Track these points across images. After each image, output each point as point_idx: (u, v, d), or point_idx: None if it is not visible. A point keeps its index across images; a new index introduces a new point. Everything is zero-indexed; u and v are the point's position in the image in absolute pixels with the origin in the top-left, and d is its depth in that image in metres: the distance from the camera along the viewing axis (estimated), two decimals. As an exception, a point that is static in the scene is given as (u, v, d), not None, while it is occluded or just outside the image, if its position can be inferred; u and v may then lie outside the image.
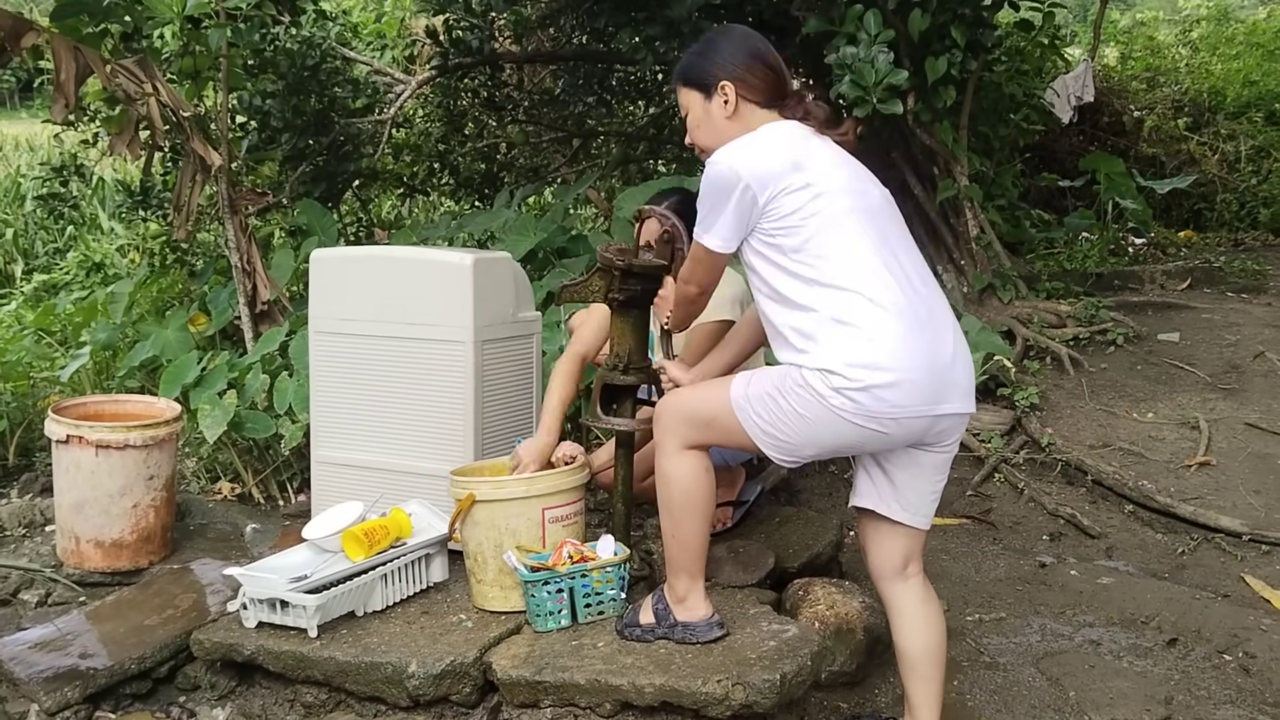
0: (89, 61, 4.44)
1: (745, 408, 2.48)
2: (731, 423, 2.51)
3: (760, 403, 2.45)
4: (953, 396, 2.41)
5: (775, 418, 2.43)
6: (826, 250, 2.38)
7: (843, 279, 2.36)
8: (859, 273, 2.36)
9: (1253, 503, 4.18)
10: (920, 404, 2.36)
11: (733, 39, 2.62)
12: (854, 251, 2.38)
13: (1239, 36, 11.40)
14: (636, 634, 2.75)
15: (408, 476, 3.45)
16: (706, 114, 2.61)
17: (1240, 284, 6.65)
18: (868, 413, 2.33)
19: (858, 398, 2.32)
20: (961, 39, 5.29)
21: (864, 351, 2.32)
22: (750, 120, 2.56)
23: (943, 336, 2.42)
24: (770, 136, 2.48)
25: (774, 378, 2.45)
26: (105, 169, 9.72)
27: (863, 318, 2.34)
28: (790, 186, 2.39)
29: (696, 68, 2.62)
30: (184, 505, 4.11)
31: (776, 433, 2.44)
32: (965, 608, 3.56)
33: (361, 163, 6.78)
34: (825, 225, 2.38)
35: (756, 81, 2.56)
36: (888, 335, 2.33)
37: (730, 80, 2.55)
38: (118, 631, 3.15)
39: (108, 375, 5.51)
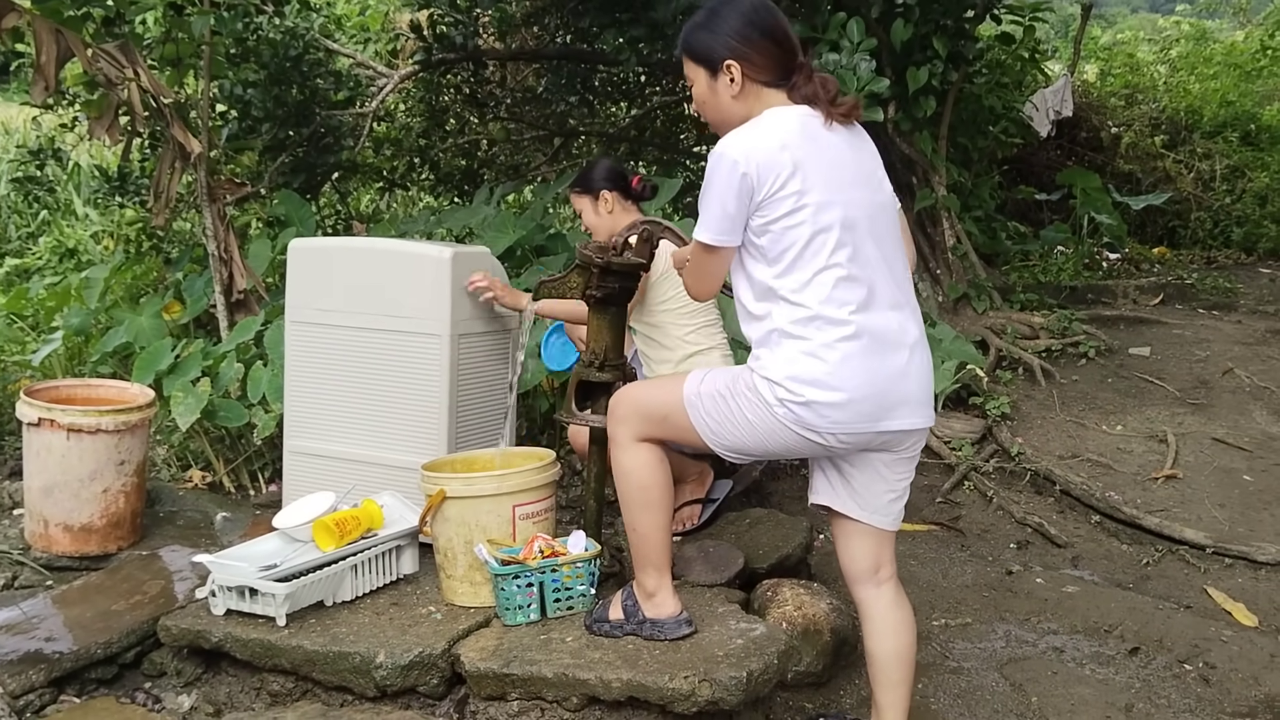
0: (70, 44, 4.41)
1: (696, 404, 2.50)
2: (682, 419, 2.53)
3: (711, 401, 2.47)
4: (901, 413, 2.41)
5: (724, 417, 2.45)
6: (798, 262, 2.37)
7: (803, 293, 2.36)
8: (821, 289, 2.35)
9: (1217, 516, 4.23)
10: (861, 422, 2.37)
11: (739, 9, 2.47)
12: (821, 269, 2.36)
13: (1217, 57, 11.53)
14: (605, 629, 2.76)
15: (380, 468, 3.45)
16: (712, 92, 2.51)
17: (1212, 301, 6.72)
18: (807, 425, 2.35)
19: (798, 411, 2.34)
20: (943, 50, 5.34)
21: (809, 367, 2.33)
22: (756, 102, 2.47)
23: (898, 354, 2.40)
24: (777, 128, 2.39)
25: (727, 378, 2.47)
26: (82, 154, 9.65)
27: (815, 333, 2.34)
28: (784, 191, 2.35)
29: (701, 42, 2.49)
30: (154, 492, 4.09)
31: (724, 431, 2.47)
32: (932, 613, 3.59)
33: (342, 155, 6.76)
34: (804, 237, 2.36)
35: (762, 59, 2.45)
36: (835, 354, 2.33)
37: (735, 59, 2.44)
38: (84, 616, 3.14)
39: (80, 361, 5.47)
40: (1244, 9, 15.16)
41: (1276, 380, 5.27)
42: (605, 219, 3.65)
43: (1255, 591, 3.80)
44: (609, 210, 3.65)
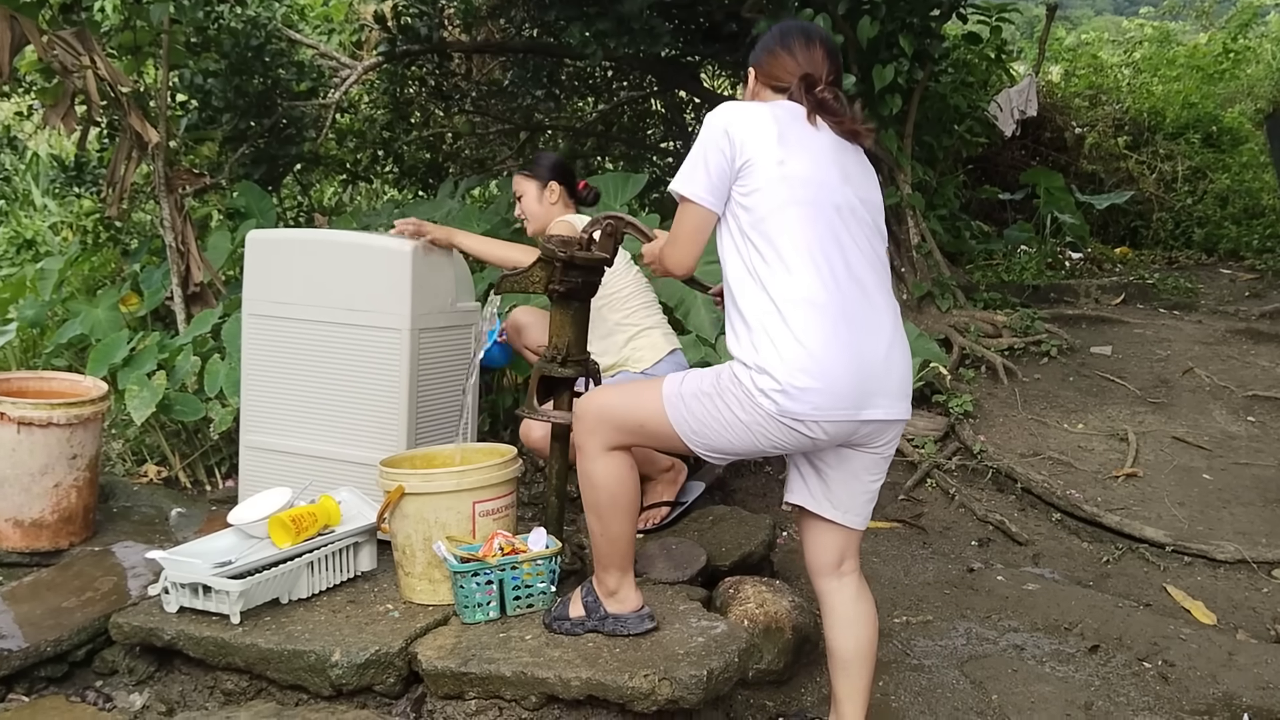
0: (25, 31, 4.33)
1: (678, 405, 2.46)
2: (661, 425, 2.49)
3: (695, 401, 2.44)
4: (880, 402, 2.41)
5: (709, 416, 2.42)
6: (774, 237, 2.37)
7: (782, 273, 2.35)
8: (798, 270, 2.35)
9: (1177, 515, 4.26)
10: (843, 408, 2.36)
11: (779, 32, 2.67)
12: (799, 247, 2.36)
13: (1179, 59, 11.64)
14: (565, 627, 2.73)
15: (338, 464, 3.40)
16: (743, 96, 2.73)
17: (1173, 301, 6.78)
18: (792, 415, 2.33)
19: (781, 400, 2.32)
20: (909, 48, 5.34)
21: (791, 353, 2.32)
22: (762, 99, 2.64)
23: (877, 343, 2.41)
24: (771, 107, 2.51)
25: (709, 377, 2.45)
26: (41, 144, 9.50)
27: (794, 317, 2.33)
28: (767, 159, 2.39)
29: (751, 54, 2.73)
30: (108, 487, 4.02)
31: (707, 432, 2.43)
32: (894, 610, 3.59)
33: (304, 147, 6.68)
34: (776, 210, 2.37)
35: (774, 69, 2.61)
36: (814, 338, 2.32)
37: (753, 66, 2.66)
38: (34, 613, 3.07)
39: (34, 353, 5.38)
40: (1206, 12, 15.31)
41: (1236, 380, 5.31)
42: (545, 209, 3.74)
43: (1214, 590, 3.82)
44: (551, 202, 3.73)
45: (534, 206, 3.75)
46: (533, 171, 3.77)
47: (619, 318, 3.62)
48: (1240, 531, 4.13)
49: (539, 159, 3.85)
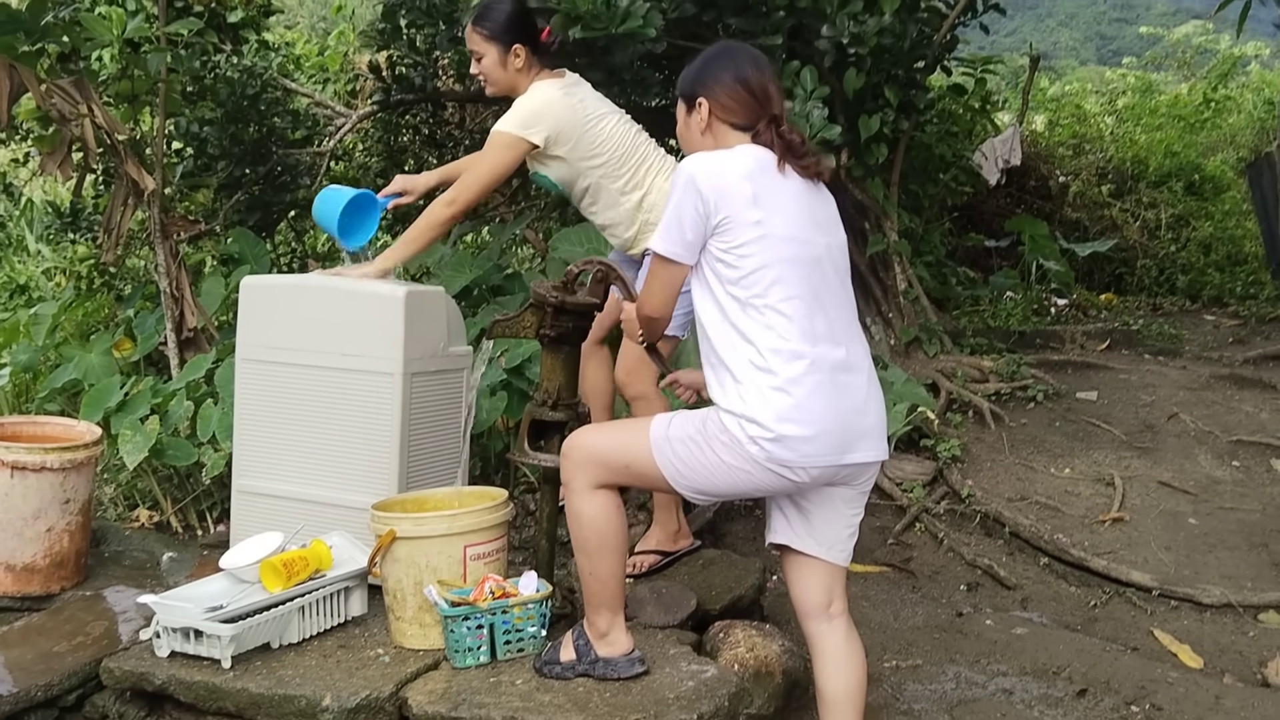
0: (24, 79, 4.39)
1: (665, 449, 2.51)
2: (648, 465, 2.54)
3: (682, 445, 2.49)
4: (862, 446, 2.49)
5: (696, 460, 2.47)
6: (756, 293, 2.43)
7: (765, 326, 2.42)
8: (783, 321, 2.42)
9: (1163, 559, 4.29)
10: (830, 454, 2.43)
11: (725, 58, 2.67)
12: (782, 299, 2.43)
13: (1161, 109, 11.80)
14: (556, 671, 2.74)
15: (330, 508, 3.42)
16: (686, 126, 2.71)
17: (1157, 347, 6.84)
18: (780, 461, 2.39)
19: (770, 447, 2.38)
20: (894, 99, 5.43)
21: (778, 401, 2.38)
22: (722, 140, 2.63)
23: (856, 388, 2.49)
24: (741, 158, 2.52)
25: (695, 421, 2.50)
26: (36, 190, 9.55)
27: (780, 366, 2.39)
28: (743, 219, 2.44)
29: (687, 80, 2.70)
30: (100, 532, 4.03)
31: (694, 475, 2.49)
32: (883, 654, 3.60)
33: (298, 193, 6.73)
34: (762, 267, 2.44)
35: (732, 104, 2.61)
36: (802, 388, 2.39)
37: (707, 99, 2.63)
38: (25, 658, 3.08)
39: (27, 398, 5.39)
40: (1188, 63, 15.56)
41: (1220, 425, 5.36)
42: (509, 75, 3.57)
43: (1201, 633, 3.85)
44: (517, 68, 3.56)
45: (497, 72, 3.56)
46: (490, 32, 3.51)
47: (620, 184, 3.54)
48: (1226, 575, 4.15)
49: (492, 10, 3.53)
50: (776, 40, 5.03)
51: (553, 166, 3.57)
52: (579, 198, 3.63)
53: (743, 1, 4.94)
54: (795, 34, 5.29)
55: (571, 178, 3.58)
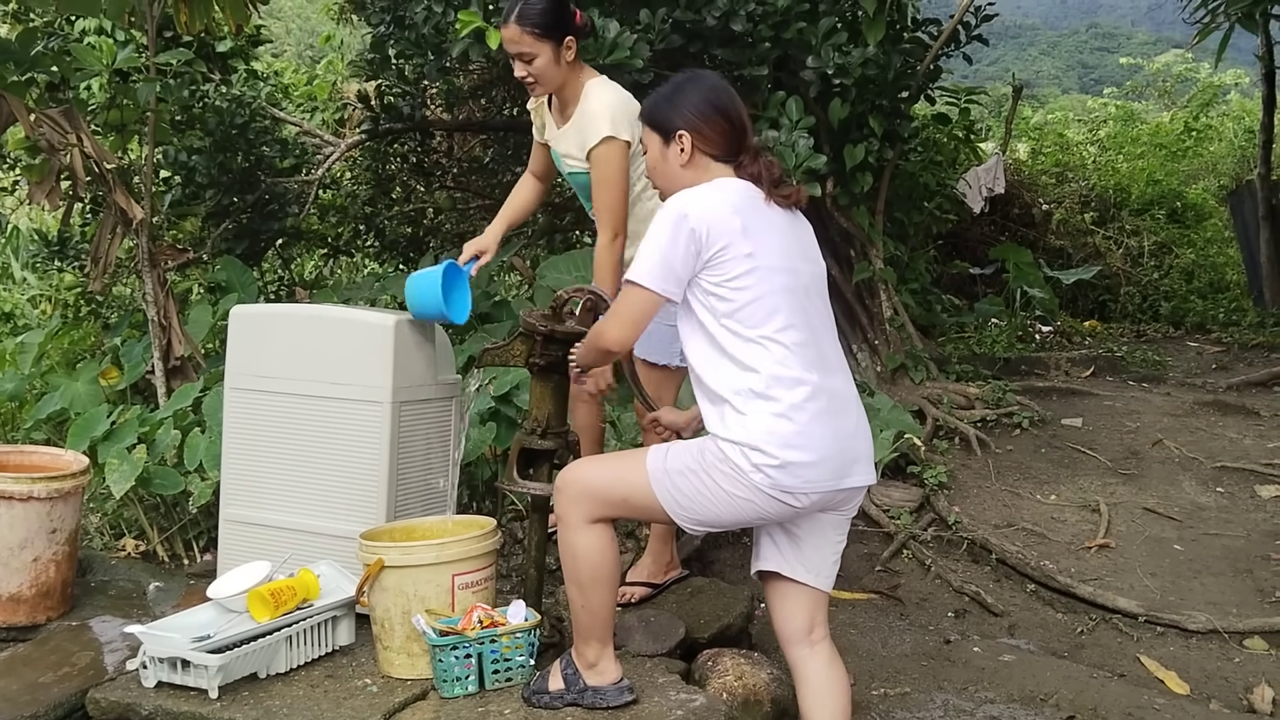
0: (13, 109, 4.40)
1: (664, 481, 2.52)
2: (646, 498, 2.54)
3: (681, 477, 2.50)
4: (857, 470, 2.53)
5: (696, 491, 2.48)
6: (752, 323, 2.46)
7: (764, 355, 2.44)
8: (781, 349, 2.45)
9: (1149, 585, 4.31)
10: (830, 479, 2.46)
11: (698, 88, 2.65)
12: (779, 329, 2.46)
13: (1143, 137, 11.95)
14: (544, 701, 2.74)
15: (318, 537, 3.41)
16: (663, 159, 2.67)
17: (1141, 373, 6.89)
18: (783, 488, 2.41)
19: (774, 474, 2.40)
20: (879, 128, 5.49)
21: (780, 428, 2.40)
22: (704, 172, 2.62)
23: (848, 414, 2.54)
24: (727, 192, 2.53)
25: (693, 452, 2.51)
26: (21, 219, 9.55)
27: (781, 394, 2.42)
28: (735, 251, 2.46)
29: (659, 112, 2.66)
30: (85, 561, 4.01)
31: (694, 506, 2.50)
32: (871, 682, 3.61)
33: (286, 222, 6.76)
34: (755, 299, 2.46)
35: (713, 135, 2.61)
36: (804, 414, 2.42)
37: (688, 130, 2.61)
38: (10, 689, 3.05)
39: (13, 427, 5.38)
40: (1168, 92, 15.74)
41: (1204, 451, 5.39)
42: (563, 70, 3.31)
43: (1186, 660, 3.86)
44: (569, 60, 3.31)
45: (551, 70, 3.28)
46: (541, 30, 3.23)
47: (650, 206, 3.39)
48: (1211, 602, 4.17)
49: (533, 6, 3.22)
50: (762, 71, 5.09)
51: None
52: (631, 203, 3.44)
53: (729, 33, 4.99)
54: (780, 65, 5.36)
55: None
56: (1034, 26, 57.32)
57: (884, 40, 5.27)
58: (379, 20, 6.10)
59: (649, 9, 4.84)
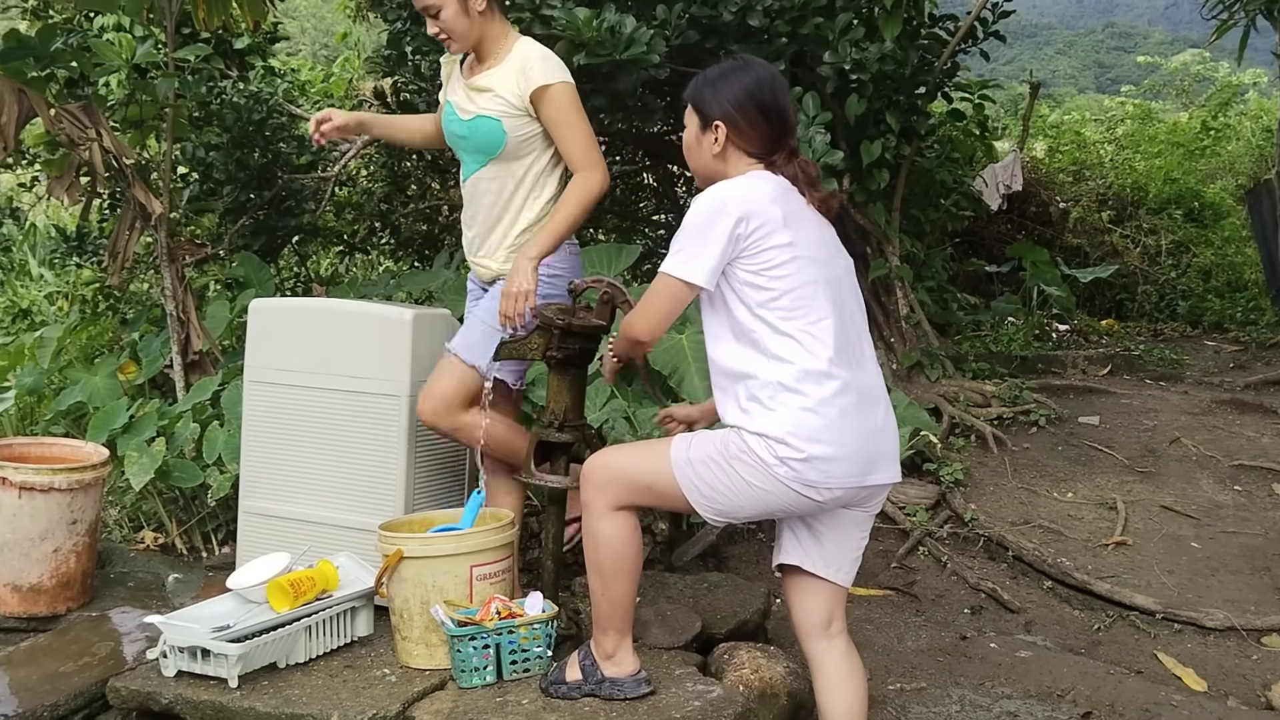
0: (33, 104, 4.43)
1: (686, 470, 2.52)
2: (669, 486, 2.54)
3: (704, 466, 2.50)
4: (882, 467, 2.52)
5: (718, 481, 2.48)
6: (789, 314, 2.45)
7: (797, 347, 2.43)
8: (815, 342, 2.44)
9: (1166, 582, 4.29)
10: (854, 475, 2.45)
11: (745, 80, 2.58)
12: (815, 320, 2.45)
13: (1161, 136, 11.89)
14: (562, 691, 2.75)
15: (337, 529, 3.43)
16: (697, 143, 2.64)
17: (1159, 372, 6.86)
18: (807, 481, 2.41)
19: (798, 467, 2.39)
20: (896, 125, 5.48)
21: (808, 422, 2.40)
22: (733, 166, 2.59)
23: (877, 410, 2.53)
24: (765, 182, 2.51)
25: (716, 442, 2.50)
26: (39, 215, 9.60)
27: (810, 388, 2.41)
28: (776, 240, 2.44)
29: (703, 95, 2.62)
30: (106, 553, 4.04)
31: (716, 496, 2.50)
32: (887, 677, 3.60)
33: (303, 218, 6.78)
34: (794, 289, 2.45)
35: (749, 131, 2.57)
36: (832, 409, 2.41)
37: (724, 121, 2.57)
38: (31, 678, 3.08)
39: (33, 421, 5.41)
40: (1186, 91, 15.67)
41: (1222, 450, 5.37)
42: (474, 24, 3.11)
43: (1204, 657, 3.85)
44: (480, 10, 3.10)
45: (460, 23, 3.10)
46: None
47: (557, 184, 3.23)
48: (1229, 599, 4.16)
49: None
50: (779, 67, 5.07)
51: (532, 127, 3.15)
52: (515, 177, 3.19)
53: (745, 28, 4.99)
54: (797, 60, 5.36)
55: (532, 148, 3.18)
56: (1050, 26, 57.19)
57: (901, 36, 5.26)
58: (395, 16, 6.12)
59: (665, 4, 4.85)
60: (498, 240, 3.24)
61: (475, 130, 3.17)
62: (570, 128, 3.10)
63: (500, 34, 3.17)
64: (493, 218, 3.23)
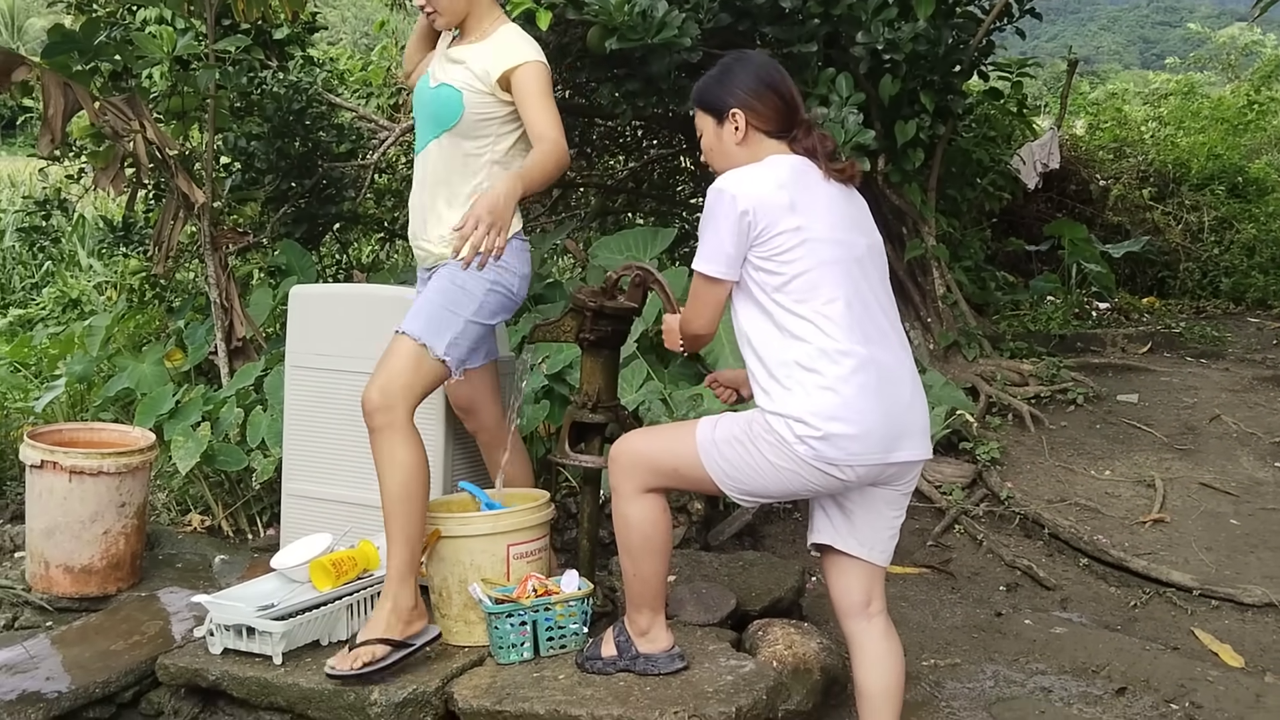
0: (78, 97, 4.53)
1: (711, 451, 2.56)
2: (695, 468, 2.59)
3: (729, 447, 2.54)
4: (907, 445, 2.52)
5: (743, 462, 2.52)
6: (801, 296, 2.48)
7: (811, 328, 2.46)
8: (828, 322, 2.46)
9: (1204, 559, 4.28)
10: (876, 452, 2.47)
11: (748, 66, 2.67)
12: (827, 301, 2.48)
13: (1204, 111, 11.71)
14: (597, 666, 2.80)
15: (377, 510, 3.45)
16: (718, 139, 2.68)
17: (1200, 349, 6.80)
18: (827, 459, 2.43)
19: (818, 446, 2.42)
20: (930, 104, 5.46)
21: (825, 401, 2.42)
22: (758, 149, 2.63)
23: (901, 387, 2.53)
24: (774, 169, 2.55)
25: (741, 423, 2.54)
26: (87, 207, 9.77)
27: (827, 367, 2.44)
28: (783, 226, 2.48)
29: (711, 93, 2.68)
30: (153, 536, 4.14)
31: (741, 476, 2.53)
32: (922, 653, 3.63)
33: (343, 206, 6.87)
34: (806, 271, 2.48)
35: (767, 111, 2.62)
36: (850, 387, 2.43)
37: (741, 108, 2.62)
38: (83, 656, 3.18)
39: (82, 408, 5.53)
40: (1232, 65, 15.42)
41: (1263, 426, 5.33)
42: None
43: (1242, 633, 3.84)
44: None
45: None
46: None
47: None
48: (1268, 575, 4.14)
49: None
50: (812, 48, 5.09)
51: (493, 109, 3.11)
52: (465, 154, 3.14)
53: (778, 10, 5.00)
54: (830, 41, 5.35)
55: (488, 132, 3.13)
56: (1094, 1, 56.37)
57: (935, 15, 5.23)
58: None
59: (697, -13, 4.86)
60: (437, 220, 3.18)
61: (436, 97, 3.14)
62: (539, 100, 3.03)
63: (487, 13, 3.17)
64: (438, 196, 3.17)
